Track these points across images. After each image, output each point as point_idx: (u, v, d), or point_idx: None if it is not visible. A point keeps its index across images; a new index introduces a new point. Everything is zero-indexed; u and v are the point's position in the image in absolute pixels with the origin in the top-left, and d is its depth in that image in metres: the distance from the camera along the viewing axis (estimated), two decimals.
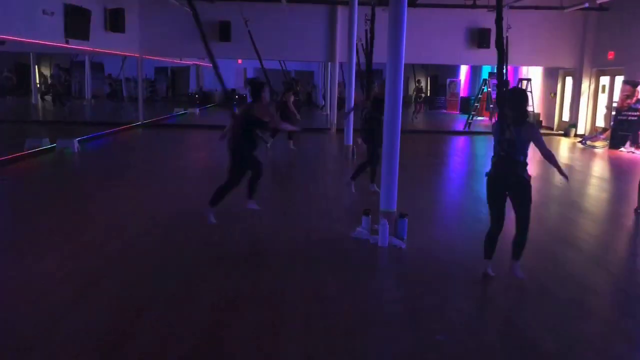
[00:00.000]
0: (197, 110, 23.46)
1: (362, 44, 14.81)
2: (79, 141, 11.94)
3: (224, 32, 16.45)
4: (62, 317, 3.88)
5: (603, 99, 16.97)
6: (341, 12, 16.65)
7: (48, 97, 24.78)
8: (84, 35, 12.73)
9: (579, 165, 12.22)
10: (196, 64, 29.32)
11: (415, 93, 23.75)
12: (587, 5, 14.44)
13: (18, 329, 3.67)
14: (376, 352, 3.53)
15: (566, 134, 17.38)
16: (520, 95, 4.69)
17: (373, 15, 9.58)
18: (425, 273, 4.97)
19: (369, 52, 9.61)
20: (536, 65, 18.76)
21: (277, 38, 16.88)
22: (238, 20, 16.35)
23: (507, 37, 13.29)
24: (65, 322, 3.81)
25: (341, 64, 17.30)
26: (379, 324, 3.92)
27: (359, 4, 13.50)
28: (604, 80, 16.94)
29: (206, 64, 28.85)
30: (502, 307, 4.26)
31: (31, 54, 24.72)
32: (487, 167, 4.84)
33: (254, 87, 6.37)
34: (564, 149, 14.86)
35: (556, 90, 18.79)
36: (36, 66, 26.40)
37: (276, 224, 6.43)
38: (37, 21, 10.97)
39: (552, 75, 19.00)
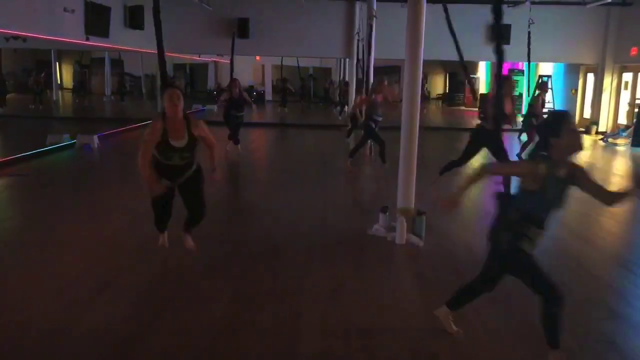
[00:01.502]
0: (215, 107, 23.59)
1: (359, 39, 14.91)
2: (98, 137, 12.08)
3: (243, 28, 16.49)
4: (82, 310, 3.93)
5: (625, 95, 16.70)
6: (359, 8, 16.60)
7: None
8: (103, 32, 12.85)
9: (600, 162, 12.05)
10: (215, 61, 29.46)
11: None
12: (609, 0, 14.21)
13: (38, 322, 3.73)
14: (393, 348, 3.52)
15: (587, 131, 17.15)
16: None
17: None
18: (443, 271, 4.94)
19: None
20: (557, 61, 18.53)
21: (296, 35, 16.89)
22: (257, 17, 16.40)
23: (529, 32, 13.19)
24: (85, 315, 3.86)
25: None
26: (395, 321, 3.91)
27: (376, 0, 13.44)
28: (627, 76, 16.66)
29: (224, 60, 29.02)
30: (520, 306, 4.22)
31: (52, 51, 25.03)
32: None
33: None
34: (585, 146, 14.65)
35: (577, 87, 18.54)
36: (57, 63, 26.77)
37: (293, 220, 6.44)
38: (58, 18, 11.10)
39: (573, 72, 18.74)
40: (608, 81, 16.88)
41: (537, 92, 11.67)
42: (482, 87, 26.66)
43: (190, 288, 4.40)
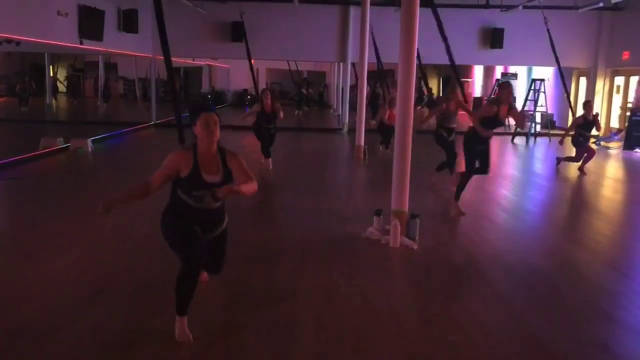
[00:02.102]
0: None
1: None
2: (92, 141, 12.04)
3: (236, 32, 16.51)
4: (76, 315, 3.91)
5: (618, 99, 16.81)
6: (353, 12, 16.66)
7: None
8: (97, 36, 12.83)
9: (592, 166, 12.11)
10: (209, 65, 29.45)
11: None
12: (601, 4, 14.33)
13: (32, 327, 3.71)
14: (388, 352, 3.52)
15: None
16: None
17: None
18: (437, 273, 4.96)
19: None
20: (550, 65, 18.61)
21: (288, 38, 16.93)
22: (250, 21, 16.42)
23: (548, 29, 13.21)
24: (79, 319, 3.84)
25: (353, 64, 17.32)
26: (390, 323, 3.92)
27: (371, 4, 13.49)
28: (619, 80, 16.79)
29: (219, 64, 29.03)
30: (514, 308, 4.24)
31: (46, 54, 24.95)
32: (500, 167, 4.79)
33: None
34: None
35: (570, 91, 18.64)
36: (51, 67, 26.67)
37: (287, 223, 6.44)
38: (52, 22, 11.08)
39: (566, 76, 18.85)
40: (600, 85, 16.99)
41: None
42: (477, 91, 26.78)
43: None
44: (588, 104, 10.63)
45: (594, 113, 10.45)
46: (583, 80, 18.01)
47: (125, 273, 4.77)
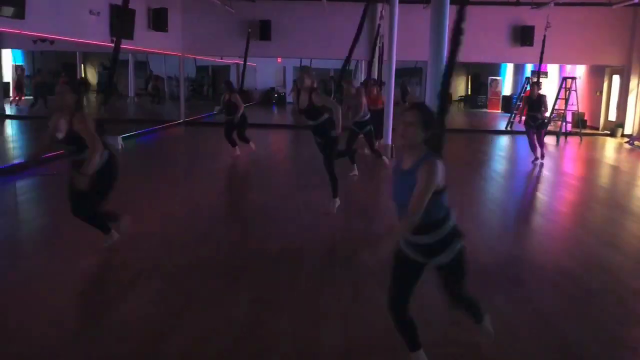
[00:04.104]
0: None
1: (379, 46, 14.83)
2: (122, 138, 12.24)
3: (264, 31, 16.58)
4: (106, 309, 3.99)
5: None
6: (381, 9, 16.56)
7: None
8: (128, 35, 13.02)
9: (625, 166, 11.85)
10: (237, 63, 29.63)
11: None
12: (636, 0, 13.98)
13: (65, 320, 3.80)
14: None
15: (612, 134, 16.88)
16: None
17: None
18: None
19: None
20: (582, 63, 18.27)
21: (317, 37, 16.93)
22: (278, 19, 16.47)
23: (545, 35, 13.01)
24: (109, 314, 3.91)
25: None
26: (418, 323, 3.89)
27: (399, 1, 13.40)
28: None
29: (248, 62, 29.14)
30: (543, 310, 4.17)
31: (77, 53, 25.44)
32: (529, 166, 4.71)
33: None
34: (609, 149, 14.44)
35: (602, 89, 18.25)
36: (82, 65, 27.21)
37: (312, 223, 6.44)
38: (84, 21, 11.29)
39: (598, 73, 18.46)
40: (634, 83, 16.59)
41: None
42: (506, 90, 26.39)
43: (212, 289, 4.43)
44: (536, 84, 11.29)
45: (540, 92, 11.01)
46: (616, 79, 17.61)
47: (151, 271, 4.83)
